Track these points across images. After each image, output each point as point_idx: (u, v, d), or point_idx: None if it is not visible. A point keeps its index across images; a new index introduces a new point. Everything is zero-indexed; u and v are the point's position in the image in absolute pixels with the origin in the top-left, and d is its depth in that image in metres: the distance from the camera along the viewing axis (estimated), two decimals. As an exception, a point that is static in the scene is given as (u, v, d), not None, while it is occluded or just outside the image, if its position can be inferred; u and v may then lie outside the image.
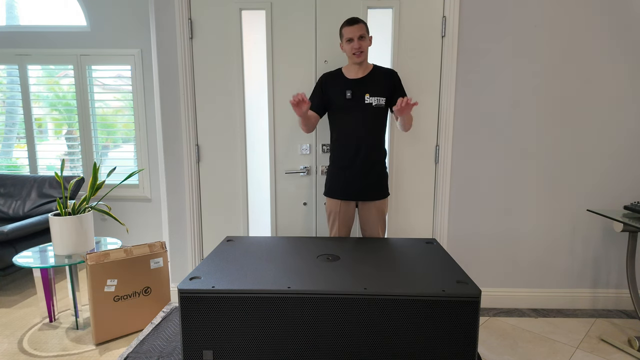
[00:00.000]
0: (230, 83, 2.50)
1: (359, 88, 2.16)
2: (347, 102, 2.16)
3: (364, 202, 2.24)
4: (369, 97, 2.15)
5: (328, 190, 2.28)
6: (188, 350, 1.56)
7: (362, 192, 2.20)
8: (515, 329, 2.38)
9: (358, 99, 2.16)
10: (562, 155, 2.50)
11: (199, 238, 2.65)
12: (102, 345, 2.24)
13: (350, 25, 2.08)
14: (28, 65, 3.47)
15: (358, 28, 2.08)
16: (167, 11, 2.43)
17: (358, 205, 2.28)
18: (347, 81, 2.18)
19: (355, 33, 2.08)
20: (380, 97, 2.16)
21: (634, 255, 2.24)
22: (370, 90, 2.16)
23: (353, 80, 2.18)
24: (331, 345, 1.54)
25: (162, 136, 2.55)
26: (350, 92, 2.16)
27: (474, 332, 1.51)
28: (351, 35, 2.09)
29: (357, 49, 2.09)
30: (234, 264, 1.80)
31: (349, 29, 2.09)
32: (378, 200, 2.24)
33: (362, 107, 2.15)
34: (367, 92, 2.16)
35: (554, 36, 2.40)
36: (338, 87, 2.19)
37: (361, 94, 2.16)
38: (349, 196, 2.22)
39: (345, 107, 2.17)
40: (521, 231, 2.57)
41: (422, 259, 1.86)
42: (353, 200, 2.24)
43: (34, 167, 3.60)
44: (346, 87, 2.17)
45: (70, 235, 2.36)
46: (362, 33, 2.09)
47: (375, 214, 2.25)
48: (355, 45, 2.09)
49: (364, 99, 2.15)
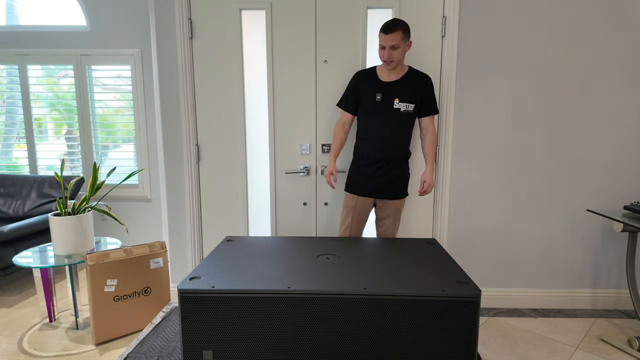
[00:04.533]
0: (230, 83, 2.50)
1: (390, 92, 2.15)
2: (376, 104, 2.16)
3: (382, 200, 2.25)
4: (399, 102, 2.14)
5: (347, 186, 2.30)
6: (188, 350, 1.56)
7: (382, 190, 2.21)
8: (515, 329, 2.38)
9: (387, 103, 2.14)
10: (562, 155, 2.50)
11: (199, 238, 2.65)
12: (102, 345, 2.24)
13: (384, 34, 2.03)
14: (28, 65, 3.47)
15: (391, 38, 2.02)
16: (167, 11, 2.43)
17: (376, 203, 2.29)
18: (379, 83, 2.17)
19: (388, 42, 2.03)
20: (410, 103, 2.15)
21: (634, 255, 2.24)
22: (400, 95, 2.14)
23: (385, 83, 2.16)
24: (331, 345, 1.54)
25: (162, 136, 2.55)
26: (380, 95, 2.15)
27: (474, 332, 1.51)
28: (383, 44, 2.05)
29: (386, 58, 2.07)
30: (234, 264, 1.80)
31: (382, 37, 2.04)
32: (397, 200, 2.25)
33: (391, 111, 2.15)
34: (397, 97, 2.14)
35: (554, 36, 2.40)
36: (369, 88, 2.17)
37: (391, 98, 2.14)
38: (367, 192, 2.22)
39: (374, 109, 2.16)
40: (521, 231, 2.57)
41: (422, 259, 1.87)
42: (371, 197, 2.24)
43: (34, 167, 3.60)
44: (378, 89, 2.16)
45: (70, 235, 2.36)
46: (394, 43, 2.02)
47: (392, 212, 2.27)
48: (385, 56, 2.07)
49: (393, 103, 2.14)
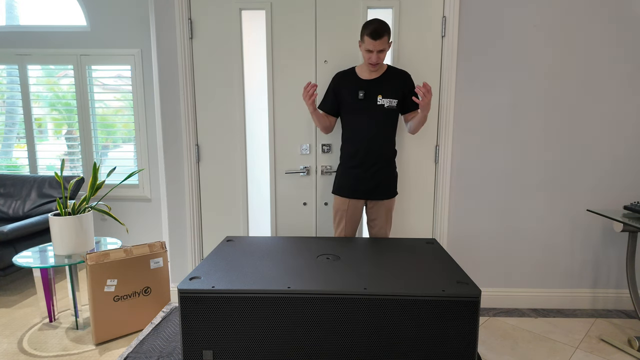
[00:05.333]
0: (230, 83, 2.50)
1: (372, 89, 2.15)
2: (359, 102, 2.15)
3: (373, 200, 2.25)
4: (382, 98, 2.14)
5: (337, 189, 2.28)
6: (188, 350, 1.56)
7: (372, 191, 2.20)
8: (515, 329, 2.38)
9: (370, 100, 2.15)
10: (562, 155, 2.50)
11: (199, 238, 2.65)
12: (102, 345, 2.24)
13: (373, 39, 1.99)
14: (28, 65, 3.47)
15: (380, 43, 2.00)
16: (167, 11, 2.43)
17: (367, 204, 2.29)
18: (360, 81, 2.17)
19: (377, 47, 2.01)
20: (393, 98, 2.15)
21: (634, 255, 2.24)
22: (383, 91, 2.15)
23: (367, 81, 2.16)
24: (331, 345, 1.54)
25: (162, 136, 2.55)
26: (362, 93, 2.15)
27: (474, 332, 1.51)
28: (372, 48, 2.02)
29: (375, 62, 2.06)
30: (234, 264, 1.80)
31: (371, 42, 2.00)
32: (387, 200, 2.24)
33: (374, 108, 2.15)
34: (379, 94, 2.14)
35: (554, 36, 2.40)
36: (351, 87, 2.17)
37: (374, 95, 2.15)
38: (358, 194, 2.22)
39: (357, 107, 2.16)
40: (521, 231, 2.57)
41: (422, 259, 1.87)
42: (362, 198, 2.24)
43: (34, 167, 3.60)
44: (359, 87, 2.16)
45: (70, 235, 2.36)
46: (383, 47, 2.02)
47: (382, 213, 2.26)
48: (372, 60, 2.05)
49: (377, 100, 2.14)
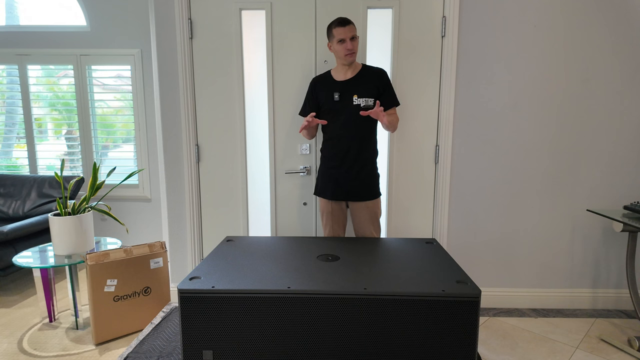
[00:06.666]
0: (230, 83, 2.50)
1: (347, 89, 2.17)
2: (335, 104, 2.17)
3: (354, 202, 2.24)
4: (357, 98, 2.15)
5: (319, 191, 2.29)
6: (188, 350, 1.56)
7: (352, 192, 2.20)
8: (515, 329, 2.38)
9: (346, 101, 2.16)
10: (561, 155, 2.50)
11: (199, 238, 2.65)
12: (102, 345, 2.24)
13: (342, 27, 2.07)
14: (28, 65, 3.47)
15: (350, 29, 2.07)
16: (167, 11, 2.43)
17: (349, 205, 2.28)
18: (335, 83, 2.19)
19: (348, 34, 2.07)
20: (369, 97, 2.16)
21: (633, 255, 2.24)
22: (358, 91, 2.16)
23: (341, 82, 2.18)
24: (331, 345, 1.54)
25: (162, 136, 2.55)
26: (338, 94, 2.17)
27: (474, 332, 1.51)
28: (343, 36, 2.07)
29: (350, 49, 2.09)
30: (234, 264, 1.80)
31: (341, 30, 2.07)
32: (369, 201, 2.23)
33: (351, 108, 2.16)
34: (355, 94, 2.16)
35: (554, 36, 2.40)
36: (326, 90, 2.20)
37: (349, 96, 2.16)
38: (339, 196, 2.22)
39: (334, 109, 2.18)
40: (521, 231, 2.57)
41: (422, 259, 1.87)
42: (343, 200, 2.24)
43: (33, 167, 3.60)
44: (334, 89, 2.18)
45: (70, 235, 2.36)
46: (353, 34, 2.09)
47: (366, 215, 2.24)
48: (348, 46, 2.08)
49: (352, 100, 2.16)
